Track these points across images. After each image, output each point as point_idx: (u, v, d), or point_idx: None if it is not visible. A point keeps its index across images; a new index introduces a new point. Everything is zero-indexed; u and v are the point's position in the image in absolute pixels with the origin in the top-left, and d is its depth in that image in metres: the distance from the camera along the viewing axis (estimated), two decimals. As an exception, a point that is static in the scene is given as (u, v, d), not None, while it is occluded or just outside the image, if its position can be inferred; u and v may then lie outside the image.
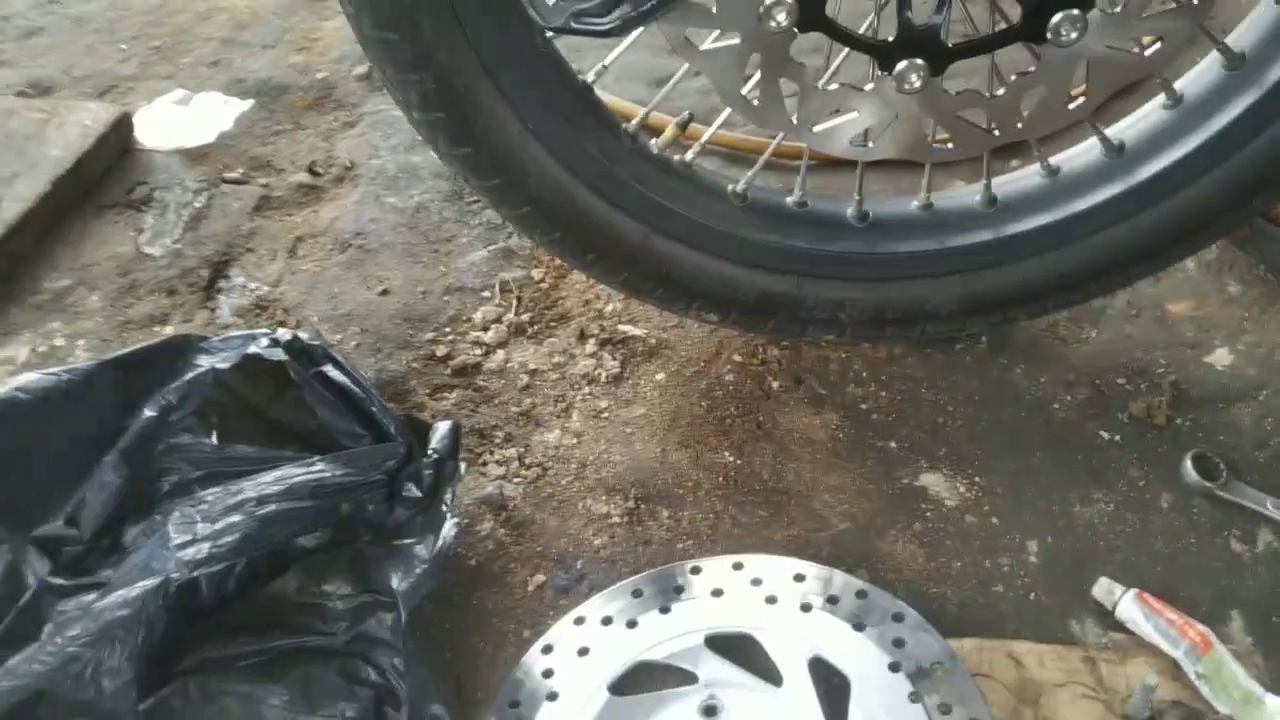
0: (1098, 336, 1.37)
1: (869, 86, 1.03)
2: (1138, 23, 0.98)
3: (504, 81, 1.04)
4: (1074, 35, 0.97)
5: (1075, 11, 0.96)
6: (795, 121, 1.06)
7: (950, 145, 1.08)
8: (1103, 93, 1.04)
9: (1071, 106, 1.06)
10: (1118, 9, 0.97)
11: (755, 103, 1.04)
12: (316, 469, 1.10)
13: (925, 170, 1.20)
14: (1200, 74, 1.13)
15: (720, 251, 1.20)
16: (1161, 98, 1.14)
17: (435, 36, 0.99)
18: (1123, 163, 1.16)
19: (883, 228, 1.22)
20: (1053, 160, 1.20)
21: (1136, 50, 1.02)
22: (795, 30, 0.98)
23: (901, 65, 1.00)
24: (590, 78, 1.12)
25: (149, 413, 1.14)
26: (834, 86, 1.04)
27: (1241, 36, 1.10)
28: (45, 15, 2.09)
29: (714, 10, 0.97)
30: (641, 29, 0.94)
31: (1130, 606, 1.09)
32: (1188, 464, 1.21)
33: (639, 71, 1.79)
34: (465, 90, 1.03)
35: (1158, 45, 1.01)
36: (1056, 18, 0.97)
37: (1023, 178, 1.22)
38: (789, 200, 1.22)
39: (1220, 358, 1.34)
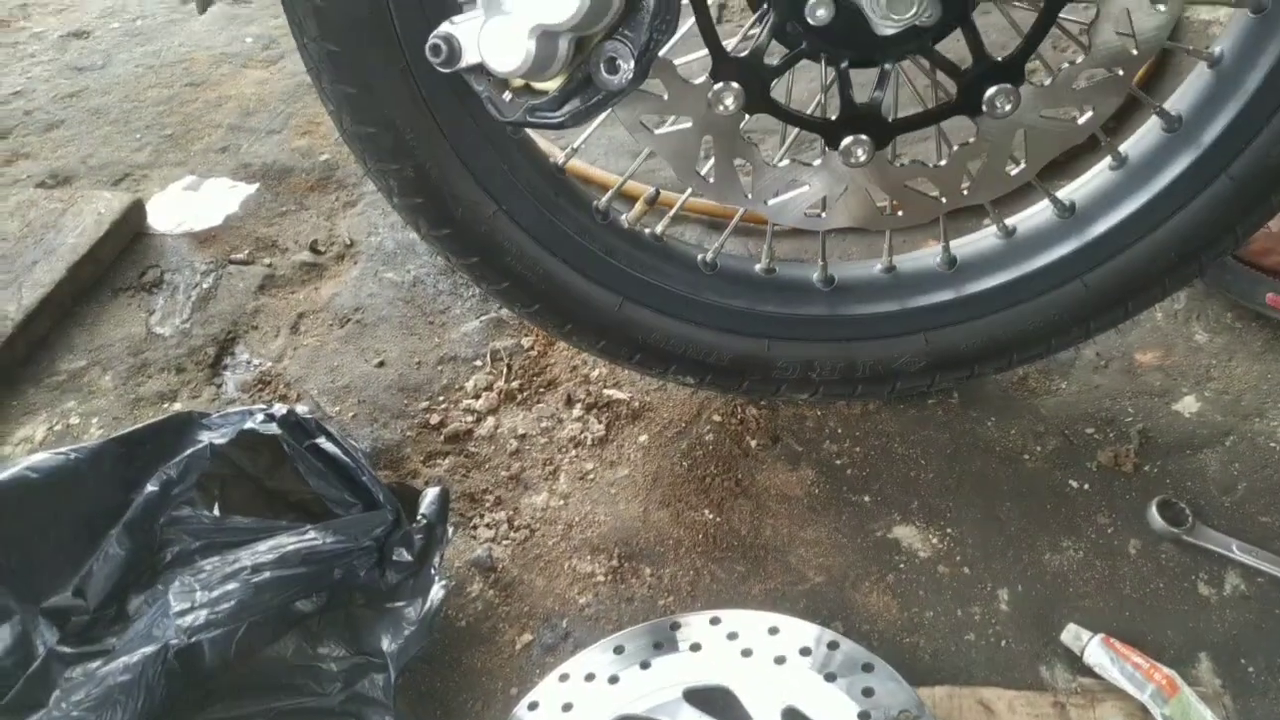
0: (1067, 388, 1.41)
1: (818, 162, 1.09)
2: (1068, 94, 1.04)
3: (477, 168, 1.11)
4: (1008, 108, 1.03)
5: (1008, 86, 1.02)
6: (751, 196, 1.12)
7: (900, 214, 1.14)
8: (1042, 159, 1.10)
9: (1013, 173, 1.11)
10: (1048, 82, 1.03)
11: (711, 180, 1.10)
12: (309, 537, 1.15)
13: (886, 235, 1.25)
14: (1142, 136, 1.18)
15: (692, 318, 1.25)
16: (1108, 159, 1.20)
17: (411, 129, 1.06)
18: (1074, 222, 1.21)
19: (848, 291, 1.27)
20: (1009, 221, 1.25)
21: (1071, 119, 1.07)
22: (744, 112, 1.04)
23: (846, 141, 1.06)
24: (561, 160, 1.19)
25: (151, 488, 1.20)
26: (785, 163, 1.10)
27: (1178, 100, 1.15)
28: (65, 109, 2.20)
29: (665, 98, 1.03)
30: (597, 120, 1.00)
31: (1098, 651, 1.12)
32: (1154, 510, 1.24)
33: (623, 144, 1.87)
34: (441, 178, 1.10)
35: (1090, 114, 1.06)
36: (991, 91, 1.03)
37: (981, 239, 1.27)
38: (757, 267, 1.28)
39: (1188, 405, 1.37)
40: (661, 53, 0.92)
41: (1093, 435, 1.34)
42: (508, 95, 0.91)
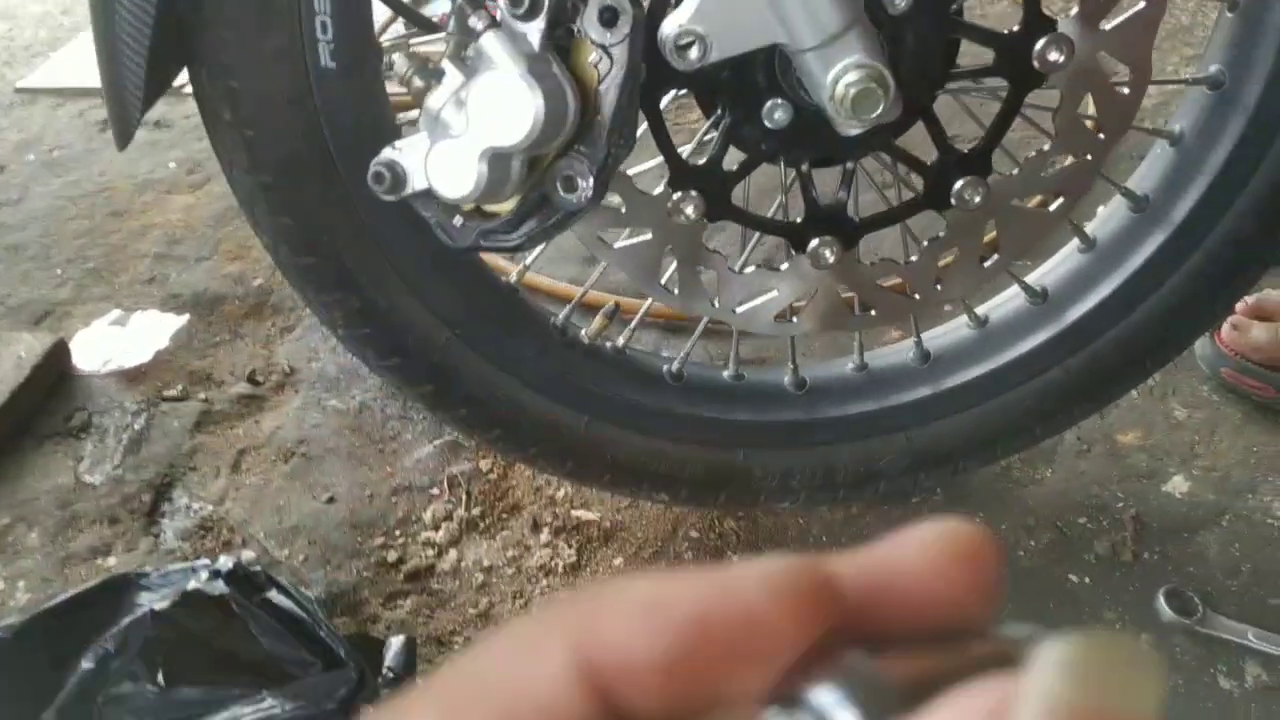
0: (1052, 476, 1.36)
1: (785, 266, 1.04)
2: (1037, 181, 1.00)
3: (427, 294, 1.04)
4: (977, 199, 0.99)
5: (975, 177, 0.98)
6: (718, 305, 1.06)
7: (873, 313, 1.09)
8: (1016, 248, 1.06)
9: (986, 265, 1.07)
10: (1015, 171, 0.99)
11: (675, 290, 1.04)
12: (266, 705, 1.05)
13: (856, 335, 1.20)
14: (1108, 218, 1.15)
15: (662, 431, 1.19)
16: (1075, 242, 1.16)
17: (353, 258, 1.00)
18: (1048, 309, 1.17)
19: (821, 393, 1.21)
20: (980, 311, 1.21)
21: (1041, 206, 1.04)
22: (705, 220, 0.99)
23: (814, 244, 1.01)
24: (514, 278, 1.13)
25: (86, 664, 1.09)
26: (751, 269, 1.05)
27: (1143, 179, 1.12)
28: (-21, 248, 2.10)
29: (623, 210, 0.98)
30: (549, 240, 0.95)
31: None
32: (1161, 601, 1.18)
33: (570, 251, 1.81)
34: (390, 306, 1.03)
35: (1061, 200, 1.03)
36: (959, 184, 0.99)
37: (954, 330, 1.22)
38: (725, 374, 1.22)
39: (1177, 485, 1.33)
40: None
41: (1086, 525, 1.29)
42: (458, 220, 0.85)
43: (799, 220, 1.01)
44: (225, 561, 1.18)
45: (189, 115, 2.48)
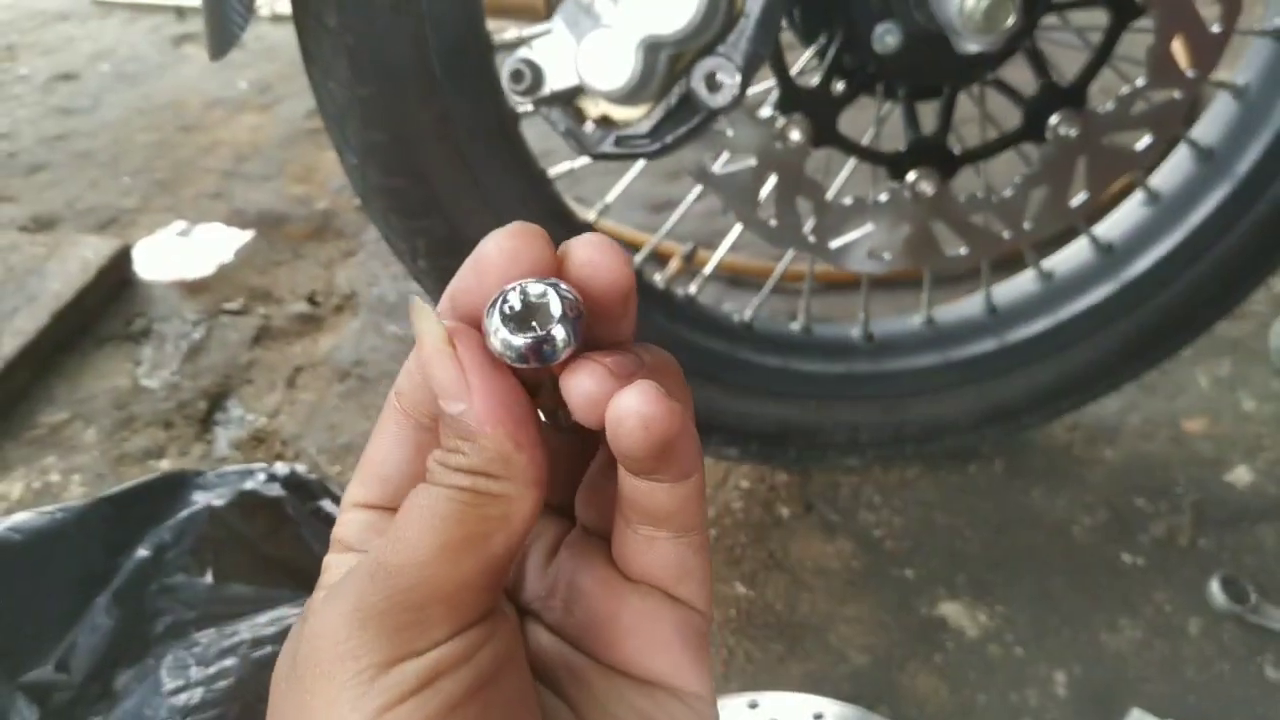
0: (1113, 456, 1.34)
1: (883, 197, 1.03)
2: (1128, 117, 1.01)
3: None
4: (1073, 132, 1.00)
5: (1072, 110, 1.00)
6: (813, 240, 1.05)
7: (963, 251, 1.08)
8: (1101, 189, 1.06)
9: (1073, 204, 1.07)
10: (1110, 106, 1.00)
11: (772, 223, 1.04)
12: (314, 609, 1.06)
13: (925, 285, 1.20)
14: (1172, 170, 1.15)
15: (734, 380, 1.18)
16: (1140, 195, 1.16)
17: (444, 183, 0.99)
18: (1113, 261, 1.17)
19: (889, 346, 1.21)
20: (1045, 265, 1.21)
21: (1131, 145, 1.04)
22: (810, 146, 0.99)
23: (914, 174, 1.01)
24: (593, 216, 1.12)
25: (143, 552, 1.10)
26: (848, 201, 1.04)
27: (1206, 132, 1.12)
28: (50, 151, 2.12)
29: (729, 134, 0.97)
30: (681, 147, 0.94)
31: (1166, 740, 1.04)
32: (1215, 587, 1.17)
33: (638, 197, 1.80)
34: (475, 237, 1.03)
35: (1149, 139, 1.03)
36: (1055, 118, 0.99)
37: (1020, 284, 1.23)
38: (794, 326, 1.21)
39: (1240, 476, 1.31)
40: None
41: (1144, 507, 1.27)
42: (589, 126, 0.84)
43: (901, 150, 1.01)
44: (282, 468, 1.19)
45: (260, 37, 2.49)
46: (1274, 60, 1.07)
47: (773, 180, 1.01)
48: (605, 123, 0.83)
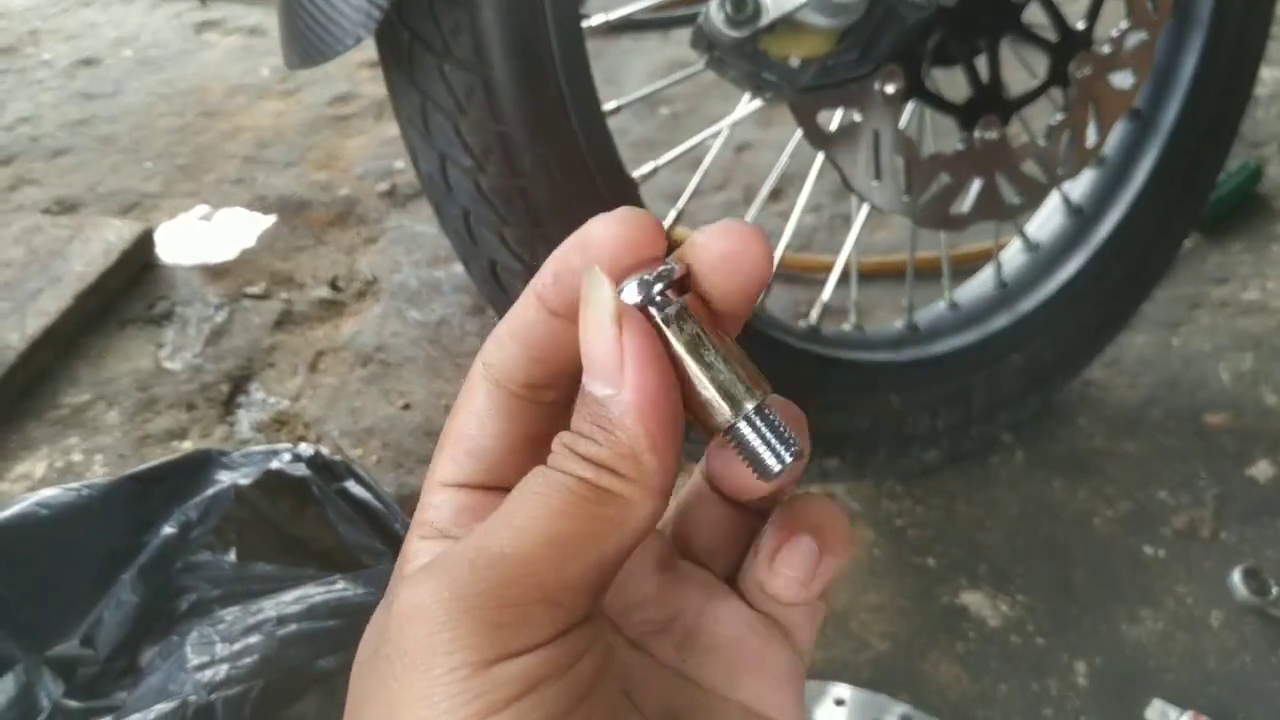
0: (1135, 449, 1.34)
1: (960, 146, 1.07)
2: (1120, 56, 1.09)
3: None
4: (1088, 71, 1.07)
5: (1085, 52, 1.07)
6: (907, 199, 1.08)
7: (1017, 201, 1.13)
8: (1107, 129, 1.13)
9: (1089, 146, 1.13)
10: (1107, 49, 1.09)
11: (875, 184, 1.05)
12: (338, 588, 1.06)
13: (944, 272, 1.22)
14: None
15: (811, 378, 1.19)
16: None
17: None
18: (1082, 223, 1.26)
19: (930, 332, 1.25)
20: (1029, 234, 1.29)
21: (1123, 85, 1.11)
22: (902, 100, 1.02)
23: (981, 122, 1.06)
24: (642, 172, 1.10)
25: (168, 529, 1.10)
26: (932, 154, 1.08)
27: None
28: (73, 135, 2.12)
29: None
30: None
31: (1188, 731, 1.04)
32: (1237, 579, 1.17)
33: (660, 189, 1.80)
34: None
35: (1132, 80, 1.12)
36: (1073, 62, 1.07)
37: (1015, 255, 1.30)
38: (846, 326, 1.24)
39: (1262, 470, 1.31)
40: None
41: (1165, 499, 1.27)
42: (795, 61, 0.87)
43: (967, 99, 1.07)
44: (306, 449, 1.20)
45: (284, 26, 2.49)
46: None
47: (872, 138, 1.04)
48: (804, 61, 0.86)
